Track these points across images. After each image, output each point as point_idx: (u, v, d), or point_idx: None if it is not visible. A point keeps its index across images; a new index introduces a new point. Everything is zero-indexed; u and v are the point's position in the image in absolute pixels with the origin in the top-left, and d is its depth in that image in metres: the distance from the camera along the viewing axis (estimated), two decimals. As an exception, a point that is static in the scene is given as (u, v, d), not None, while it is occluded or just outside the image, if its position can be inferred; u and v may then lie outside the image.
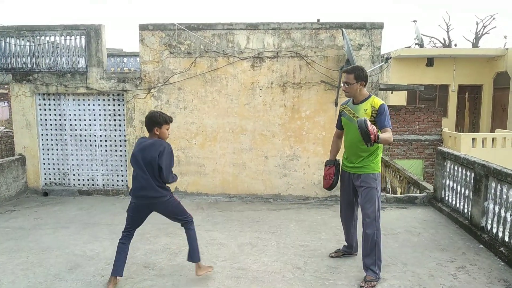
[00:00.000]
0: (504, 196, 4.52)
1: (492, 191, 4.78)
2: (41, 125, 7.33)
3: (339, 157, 4.21)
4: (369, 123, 3.36)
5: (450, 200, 6.01)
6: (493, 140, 14.37)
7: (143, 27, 6.81)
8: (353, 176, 3.98)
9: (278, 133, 6.87)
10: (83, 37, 7.04)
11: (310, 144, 6.84)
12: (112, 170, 7.31)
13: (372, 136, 3.32)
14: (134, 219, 3.75)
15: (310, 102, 6.77)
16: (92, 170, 7.34)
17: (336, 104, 6.71)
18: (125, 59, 12.33)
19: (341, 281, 3.88)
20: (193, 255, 3.83)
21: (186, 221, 3.84)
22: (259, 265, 4.26)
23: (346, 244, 4.44)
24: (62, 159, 7.38)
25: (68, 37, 7.08)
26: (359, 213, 4.11)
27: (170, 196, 3.72)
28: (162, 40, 6.79)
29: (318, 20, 7.14)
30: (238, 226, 5.51)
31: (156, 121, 3.59)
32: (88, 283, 3.86)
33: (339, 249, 4.51)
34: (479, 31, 27.37)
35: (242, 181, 6.98)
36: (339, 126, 4.17)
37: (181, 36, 6.76)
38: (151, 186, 3.55)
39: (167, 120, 3.66)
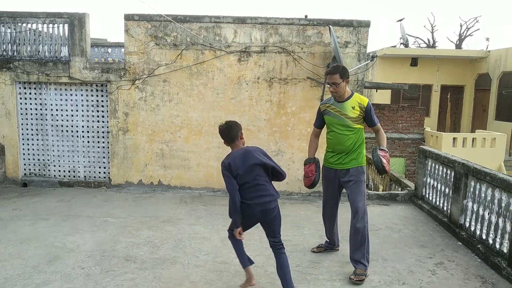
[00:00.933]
0: (483, 195, 4.62)
1: (471, 189, 4.89)
2: (21, 114, 7.16)
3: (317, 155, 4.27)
4: (384, 161, 3.77)
5: (430, 198, 6.12)
6: (473, 140, 14.70)
7: (128, 17, 6.69)
8: (340, 173, 3.98)
9: (264, 128, 6.87)
10: (66, 26, 6.88)
11: (295, 140, 6.87)
12: (94, 162, 7.20)
13: (387, 170, 3.80)
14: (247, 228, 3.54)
15: (296, 98, 6.79)
16: (73, 161, 7.21)
17: (321, 101, 6.72)
18: (109, 50, 12.12)
19: (322, 276, 3.92)
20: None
21: (280, 242, 3.45)
22: (242, 259, 4.26)
23: (328, 239, 4.48)
24: (43, 150, 7.22)
25: (50, 25, 6.91)
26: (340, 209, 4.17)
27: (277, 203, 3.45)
28: (148, 31, 6.70)
29: (306, 16, 7.14)
30: (222, 220, 5.49)
31: (239, 126, 3.47)
32: (67, 275, 3.81)
33: (321, 244, 4.55)
34: (463, 33, 27.87)
35: (226, 175, 6.95)
36: (318, 125, 4.20)
37: (168, 27, 6.68)
38: (270, 193, 3.40)
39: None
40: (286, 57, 6.70)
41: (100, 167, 7.21)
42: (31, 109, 7.14)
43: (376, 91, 17.59)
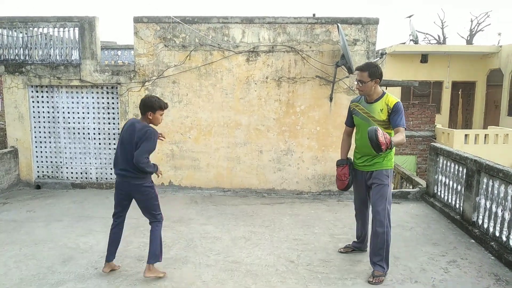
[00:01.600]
0: (496, 192, 4.57)
1: (484, 186, 4.83)
2: (34, 117, 7.27)
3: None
4: (380, 133, 3.25)
5: (442, 196, 6.06)
6: (485, 137, 14.51)
7: (137, 20, 6.76)
8: (365, 174, 3.94)
9: (273, 128, 6.87)
10: (76, 29, 6.97)
11: (304, 139, 6.86)
12: (105, 164, 7.28)
13: (383, 147, 3.26)
14: (116, 201, 3.84)
15: (305, 97, 6.78)
16: (85, 163, 7.30)
17: (331, 100, 6.71)
18: (119, 52, 12.24)
19: (333, 275, 3.92)
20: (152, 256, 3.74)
21: (156, 219, 3.77)
22: (253, 258, 4.28)
23: (356, 240, 4.44)
24: (55, 152, 7.33)
25: (61, 29, 7.01)
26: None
27: (148, 184, 3.67)
28: (157, 33, 6.75)
29: (314, 15, 7.13)
30: (232, 220, 5.52)
31: (151, 105, 3.59)
32: (81, 275, 3.86)
33: (349, 244, 4.50)
34: (474, 28, 27.50)
35: (237, 175, 6.99)
36: (349, 123, 4.10)
37: (176, 29, 6.72)
38: (131, 168, 3.56)
39: (162, 106, 3.65)
40: (295, 56, 6.70)
41: (111, 169, 7.28)
42: (43, 112, 7.25)
43: (386, 88, 17.42)
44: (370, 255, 3.91)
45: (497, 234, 4.49)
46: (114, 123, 7.16)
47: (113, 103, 7.11)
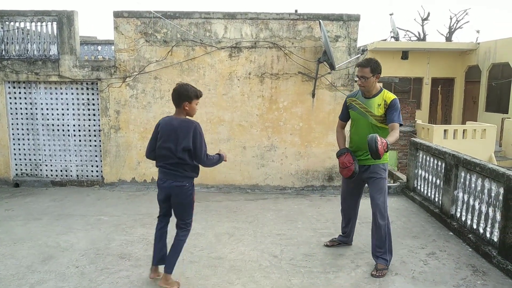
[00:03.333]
0: (473, 185, 4.69)
1: (462, 180, 4.95)
2: (11, 114, 7.09)
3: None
4: (379, 141, 3.33)
5: (422, 190, 6.18)
6: (464, 132, 14.83)
7: (118, 14, 6.65)
8: (361, 168, 3.94)
9: (256, 124, 6.87)
10: (55, 24, 6.81)
11: (287, 135, 6.88)
12: (86, 161, 7.16)
13: (381, 156, 3.34)
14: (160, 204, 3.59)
15: (288, 93, 6.80)
16: (65, 160, 7.17)
17: (313, 96, 6.75)
18: (99, 47, 12.04)
19: (316, 269, 3.96)
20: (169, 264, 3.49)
21: (185, 225, 3.54)
22: (236, 254, 4.29)
23: (342, 233, 4.48)
24: (34, 149, 7.16)
25: (39, 23, 6.84)
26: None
27: (190, 187, 3.48)
28: (138, 28, 6.65)
29: (296, 11, 7.14)
30: (216, 216, 5.52)
31: (187, 95, 3.30)
32: (62, 274, 3.80)
33: (335, 238, 4.54)
34: (453, 25, 28.02)
35: (220, 171, 6.97)
36: (344, 118, 4.14)
37: (157, 24, 6.64)
38: (176, 171, 3.38)
39: (198, 94, 3.37)
40: (277, 52, 6.70)
41: (92, 166, 7.17)
42: (21, 108, 7.07)
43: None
44: (373, 249, 3.95)
45: (475, 226, 4.61)
46: (94, 120, 7.04)
47: (93, 99, 6.99)
